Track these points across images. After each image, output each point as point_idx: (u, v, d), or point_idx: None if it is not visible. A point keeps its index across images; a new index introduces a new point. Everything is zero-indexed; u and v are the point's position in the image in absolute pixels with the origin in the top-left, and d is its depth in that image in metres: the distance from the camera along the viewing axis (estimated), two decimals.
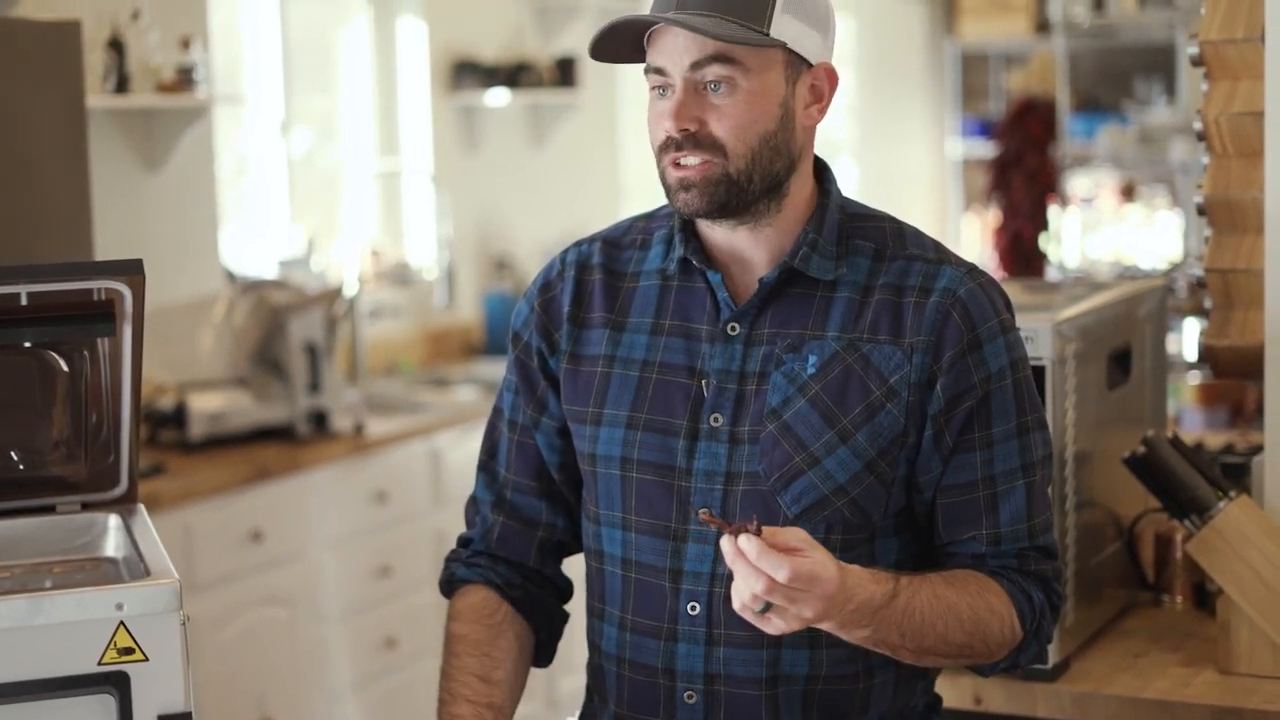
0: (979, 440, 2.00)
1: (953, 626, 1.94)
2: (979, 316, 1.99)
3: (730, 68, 1.93)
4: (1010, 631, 2.00)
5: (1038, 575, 2.03)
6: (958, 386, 1.98)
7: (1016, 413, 2.01)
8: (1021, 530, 2.02)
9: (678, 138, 1.94)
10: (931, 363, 1.98)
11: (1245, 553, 2.42)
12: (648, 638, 2.05)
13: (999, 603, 1.99)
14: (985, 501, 2.01)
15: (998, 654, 2.02)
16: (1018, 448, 2.01)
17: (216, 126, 5.10)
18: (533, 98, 6.25)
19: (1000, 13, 9.17)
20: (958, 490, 2.01)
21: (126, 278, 1.98)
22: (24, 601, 1.77)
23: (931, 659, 1.98)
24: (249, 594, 4.33)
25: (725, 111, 1.94)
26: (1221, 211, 2.62)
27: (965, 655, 1.99)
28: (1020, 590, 2.01)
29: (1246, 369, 2.64)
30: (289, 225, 5.71)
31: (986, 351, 1.99)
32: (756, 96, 1.95)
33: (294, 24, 5.72)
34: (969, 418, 1.99)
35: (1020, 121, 8.89)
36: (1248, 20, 2.57)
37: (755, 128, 1.95)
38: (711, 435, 2.01)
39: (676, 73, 1.94)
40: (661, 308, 2.07)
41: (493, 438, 2.19)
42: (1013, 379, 2.01)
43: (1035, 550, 2.04)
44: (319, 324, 4.68)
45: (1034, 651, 2.06)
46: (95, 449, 2.16)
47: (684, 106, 1.94)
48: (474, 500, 2.21)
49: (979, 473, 2.01)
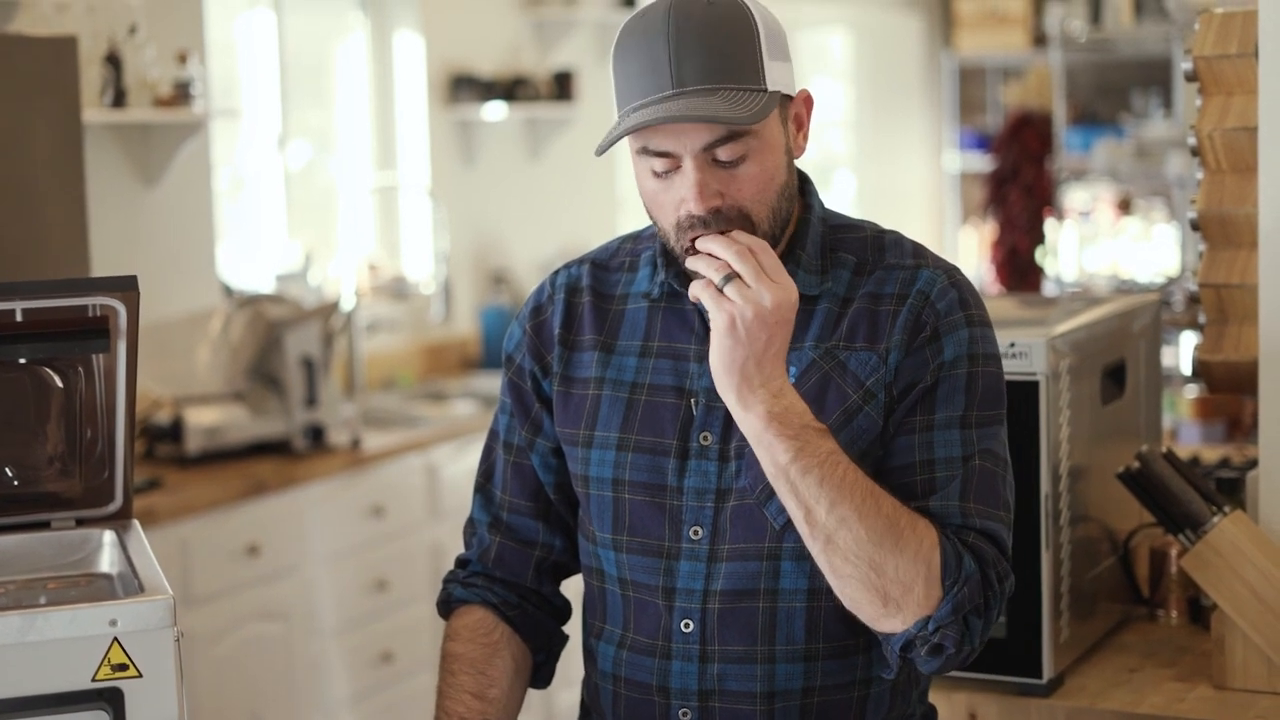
0: (919, 424, 1.96)
1: (870, 509, 1.85)
2: (945, 310, 1.99)
3: (743, 141, 1.90)
4: (927, 568, 1.86)
5: (973, 548, 1.91)
6: (912, 375, 1.97)
7: (965, 404, 1.96)
8: (954, 508, 1.93)
9: (704, 216, 1.91)
10: (903, 358, 1.97)
11: (1240, 568, 2.42)
12: (643, 655, 2.05)
13: (925, 532, 1.88)
14: (922, 485, 1.94)
15: (907, 598, 1.86)
16: (960, 438, 1.96)
17: (213, 141, 5.10)
18: (530, 112, 6.25)
19: (997, 26, 9.18)
20: (894, 473, 1.95)
21: (121, 294, 1.98)
22: (17, 618, 1.77)
23: (842, 556, 1.86)
24: (245, 608, 4.33)
25: (744, 179, 1.91)
26: (1215, 226, 2.62)
27: (874, 566, 1.85)
28: (952, 546, 1.89)
29: (1241, 384, 2.64)
30: (286, 239, 5.72)
31: (945, 341, 1.98)
32: (768, 156, 1.93)
33: (290, 38, 5.73)
34: (915, 403, 1.97)
35: (1017, 135, 8.90)
36: (1241, 35, 2.57)
37: (772, 186, 1.94)
38: (702, 453, 2.01)
39: (686, 153, 1.90)
40: (650, 329, 2.07)
41: (489, 460, 2.20)
42: (967, 371, 1.97)
43: (973, 530, 1.92)
44: (316, 338, 4.68)
45: (947, 621, 1.87)
46: (90, 465, 2.16)
47: (705, 186, 1.90)
48: (471, 521, 2.22)
49: (916, 455, 1.95)
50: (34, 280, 2.13)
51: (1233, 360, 2.62)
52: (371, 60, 6.02)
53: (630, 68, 1.91)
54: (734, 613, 2.00)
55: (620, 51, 1.93)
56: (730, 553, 2.00)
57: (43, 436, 2.16)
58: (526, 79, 6.18)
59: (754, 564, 1.99)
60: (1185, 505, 2.48)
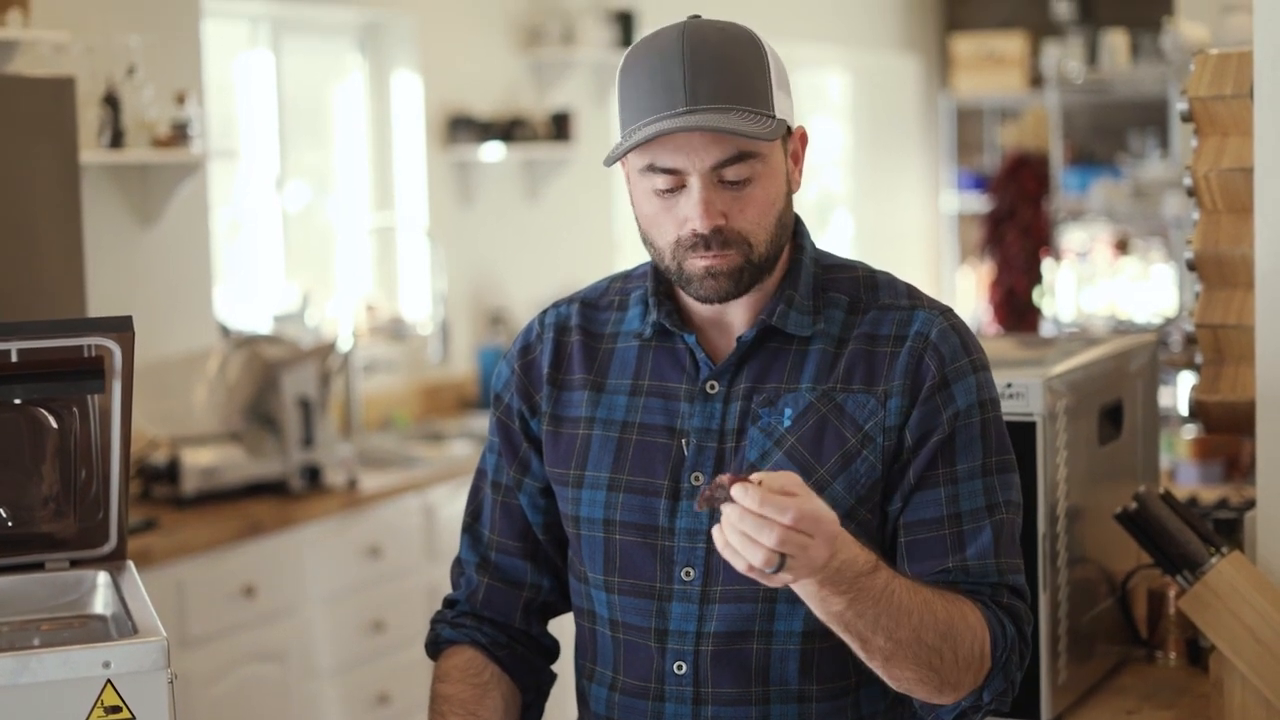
0: (944, 476, 1.98)
1: (927, 623, 1.87)
2: (949, 355, 2.00)
3: (752, 163, 1.92)
4: (980, 651, 1.92)
5: (1010, 610, 1.98)
6: (926, 424, 1.98)
7: (983, 452, 2.00)
8: (990, 565, 1.98)
9: (706, 235, 1.92)
10: (908, 405, 1.98)
11: (1238, 609, 2.41)
12: (635, 698, 2.04)
13: (974, 618, 1.93)
14: (952, 539, 1.98)
15: (964, 679, 1.92)
16: (983, 487, 1.99)
17: (211, 181, 5.11)
18: (527, 152, 6.27)
19: (994, 68, 9.21)
20: (923, 527, 1.98)
21: (116, 334, 1.98)
22: (11, 660, 1.77)
23: (901, 664, 1.87)
24: (241, 650, 4.31)
25: (747, 202, 1.93)
26: (1212, 267, 2.62)
27: (933, 667, 1.89)
28: (995, 616, 1.96)
29: (1238, 424, 2.64)
30: (283, 280, 5.72)
31: (955, 389, 1.99)
32: (772, 181, 1.95)
33: (288, 79, 5.74)
34: (934, 454, 1.98)
35: (1014, 175, 8.92)
36: (1237, 76, 2.58)
37: (772, 212, 1.96)
38: (693, 494, 2.00)
39: (694, 171, 1.91)
40: (640, 369, 2.07)
41: (476, 499, 2.19)
42: (980, 419, 2.00)
43: (1005, 588, 1.99)
44: (313, 379, 4.68)
45: (999, 688, 1.96)
46: (84, 506, 2.16)
47: (710, 204, 1.91)
48: (459, 561, 2.21)
49: (944, 509, 1.98)
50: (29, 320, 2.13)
51: (1230, 400, 2.62)
52: (369, 101, 6.04)
53: (641, 86, 1.92)
54: (727, 654, 1.99)
55: (629, 71, 1.94)
56: (723, 594, 1.99)
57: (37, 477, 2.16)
58: (524, 120, 6.19)
59: (748, 606, 1.99)
60: (1183, 546, 2.48)
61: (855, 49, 8.96)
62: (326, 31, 5.94)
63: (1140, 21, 8.32)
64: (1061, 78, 8.31)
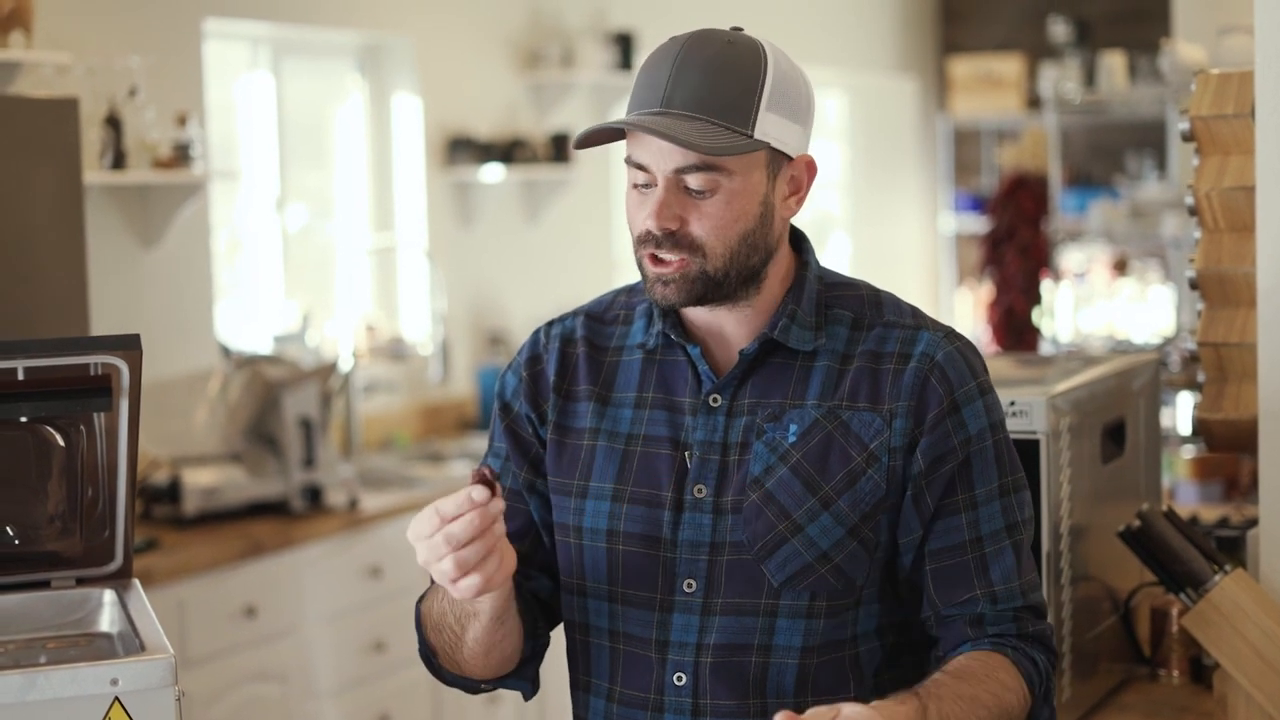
0: (964, 502, 2.01)
1: (977, 713, 1.93)
2: (957, 379, 2.01)
3: (714, 175, 1.94)
4: (1025, 701, 1.99)
5: (1035, 636, 2.03)
6: (938, 449, 1.99)
7: (998, 474, 2.03)
8: (1015, 588, 2.02)
9: (658, 235, 1.95)
10: (913, 427, 1.99)
11: (1241, 626, 2.41)
12: (634, 709, 2.04)
13: (1010, 678, 1.98)
14: (976, 563, 2.01)
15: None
16: (1001, 508, 2.02)
17: (212, 202, 5.12)
18: (527, 174, 6.28)
19: (992, 89, 9.23)
20: (947, 554, 2.01)
21: (123, 353, 1.99)
22: (18, 677, 1.77)
23: None
24: (242, 670, 4.31)
25: (707, 212, 1.95)
26: (1214, 285, 2.63)
27: None
28: (1025, 657, 2.01)
29: (1240, 442, 2.64)
30: (284, 301, 5.73)
31: (966, 414, 2.01)
32: (738, 197, 1.96)
33: (289, 100, 5.75)
34: (951, 480, 2.00)
35: (1012, 196, 8.93)
36: (1238, 96, 2.59)
37: (736, 228, 1.96)
38: (696, 506, 2.01)
39: (659, 172, 1.95)
40: (644, 381, 2.07)
41: None
42: (993, 440, 2.03)
43: (1028, 610, 2.04)
44: (314, 399, 4.68)
45: (1045, 715, 2.04)
46: (91, 524, 2.16)
47: (666, 206, 1.94)
48: None
49: (966, 534, 2.01)
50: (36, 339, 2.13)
51: (1232, 418, 2.63)
52: (369, 122, 6.05)
53: (639, 80, 1.98)
54: (727, 666, 2.00)
55: (644, 64, 1.99)
56: (725, 607, 2.00)
57: (44, 495, 2.16)
58: (524, 141, 6.20)
59: (749, 619, 2.00)
60: (1187, 564, 2.48)
61: (852, 71, 8.98)
62: (327, 53, 5.95)
63: (1137, 43, 8.34)
64: (1059, 99, 8.33)
